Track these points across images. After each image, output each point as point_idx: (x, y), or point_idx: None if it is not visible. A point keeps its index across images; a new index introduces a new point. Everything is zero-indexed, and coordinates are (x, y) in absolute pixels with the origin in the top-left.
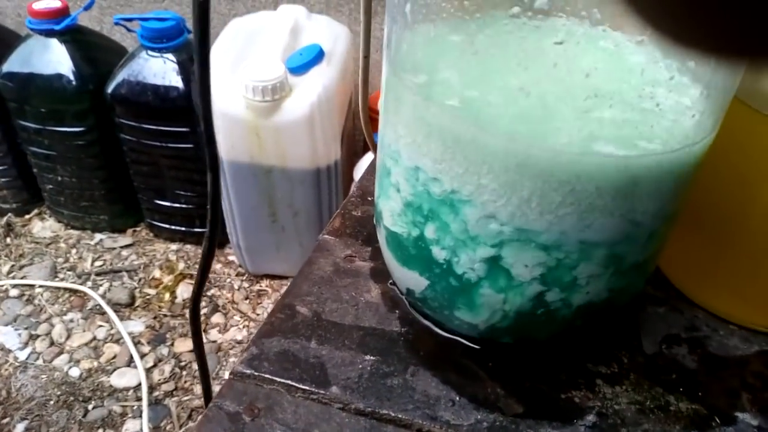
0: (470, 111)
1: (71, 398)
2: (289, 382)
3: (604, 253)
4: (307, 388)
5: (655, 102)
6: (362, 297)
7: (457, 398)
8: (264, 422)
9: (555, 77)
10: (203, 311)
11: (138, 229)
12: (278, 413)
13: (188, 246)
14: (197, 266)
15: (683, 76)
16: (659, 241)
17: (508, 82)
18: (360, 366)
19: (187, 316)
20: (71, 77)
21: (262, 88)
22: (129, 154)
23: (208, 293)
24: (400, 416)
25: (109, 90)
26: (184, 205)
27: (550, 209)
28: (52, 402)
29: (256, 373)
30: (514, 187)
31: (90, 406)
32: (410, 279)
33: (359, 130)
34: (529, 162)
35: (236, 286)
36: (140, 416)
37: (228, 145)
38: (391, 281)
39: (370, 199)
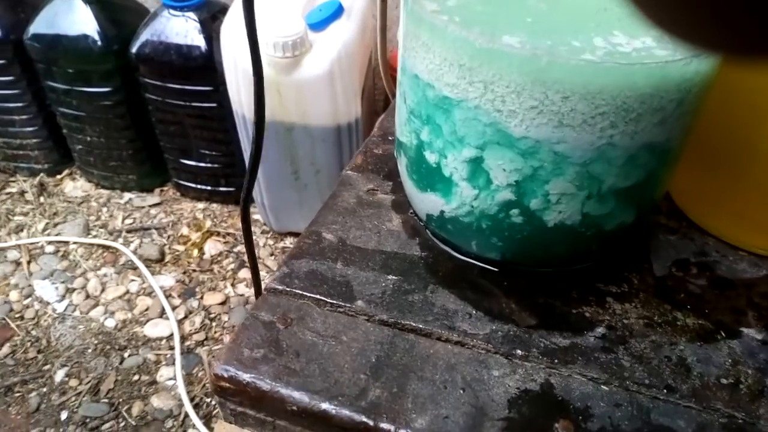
0: (474, 23)
1: (108, 347)
2: (318, 296)
3: (577, 170)
4: (334, 302)
5: None
6: (384, 225)
7: (474, 312)
8: (296, 330)
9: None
10: (230, 267)
11: (165, 188)
12: (309, 323)
13: (214, 205)
14: (224, 224)
15: None
16: (645, 171)
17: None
18: (383, 284)
19: (215, 271)
20: (96, 38)
21: (282, 43)
22: (154, 113)
23: (235, 250)
24: (420, 326)
25: (133, 50)
26: (209, 165)
27: (526, 115)
28: (90, 350)
29: (287, 289)
30: (497, 89)
31: (126, 354)
32: (427, 203)
33: (380, 89)
34: (509, 64)
35: (261, 243)
36: (173, 364)
37: (250, 102)
38: (411, 211)
39: (390, 138)
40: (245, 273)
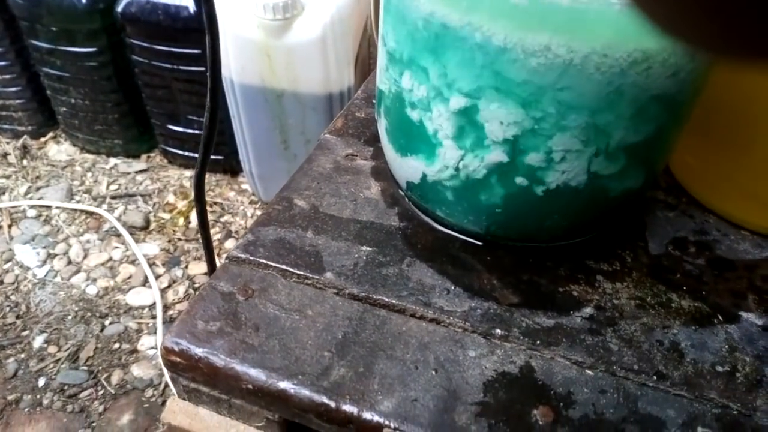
0: None
1: (88, 314)
2: (284, 266)
3: (583, 121)
4: (301, 273)
5: None
6: (361, 193)
7: (452, 287)
8: (258, 302)
9: None
10: (216, 237)
11: (152, 154)
12: (272, 294)
13: None
14: (211, 193)
15: None
16: (655, 125)
17: None
18: (356, 255)
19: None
20: None
21: (273, 5)
22: (141, 76)
23: (222, 219)
24: (393, 301)
25: (119, 9)
26: (197, 131)
27: (531, 54)
28: (70, 317)
29: (251, 258)
30: (495, 27)
31: (107, 322)
32: (408, 168)
33: (374, 59)
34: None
35: (249, 214)
36: (155, 333)
37: (239, 66)
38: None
39: (374, 101)
40: (231, 243)
